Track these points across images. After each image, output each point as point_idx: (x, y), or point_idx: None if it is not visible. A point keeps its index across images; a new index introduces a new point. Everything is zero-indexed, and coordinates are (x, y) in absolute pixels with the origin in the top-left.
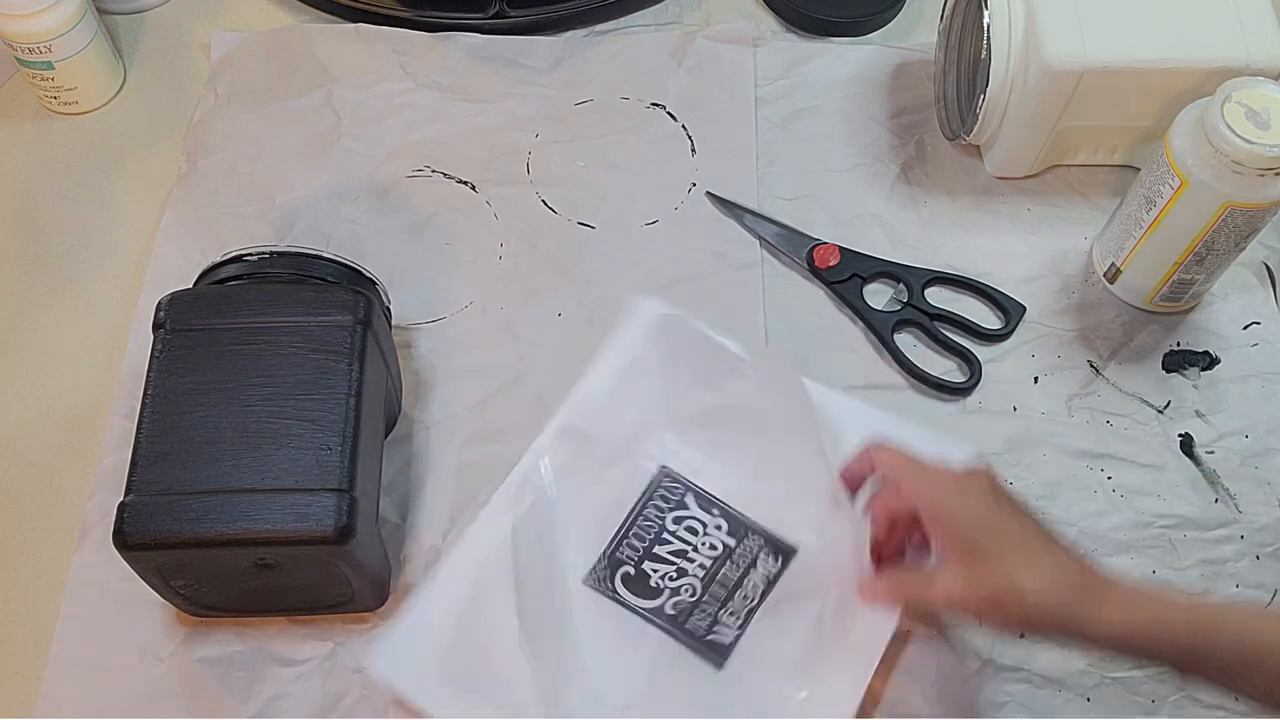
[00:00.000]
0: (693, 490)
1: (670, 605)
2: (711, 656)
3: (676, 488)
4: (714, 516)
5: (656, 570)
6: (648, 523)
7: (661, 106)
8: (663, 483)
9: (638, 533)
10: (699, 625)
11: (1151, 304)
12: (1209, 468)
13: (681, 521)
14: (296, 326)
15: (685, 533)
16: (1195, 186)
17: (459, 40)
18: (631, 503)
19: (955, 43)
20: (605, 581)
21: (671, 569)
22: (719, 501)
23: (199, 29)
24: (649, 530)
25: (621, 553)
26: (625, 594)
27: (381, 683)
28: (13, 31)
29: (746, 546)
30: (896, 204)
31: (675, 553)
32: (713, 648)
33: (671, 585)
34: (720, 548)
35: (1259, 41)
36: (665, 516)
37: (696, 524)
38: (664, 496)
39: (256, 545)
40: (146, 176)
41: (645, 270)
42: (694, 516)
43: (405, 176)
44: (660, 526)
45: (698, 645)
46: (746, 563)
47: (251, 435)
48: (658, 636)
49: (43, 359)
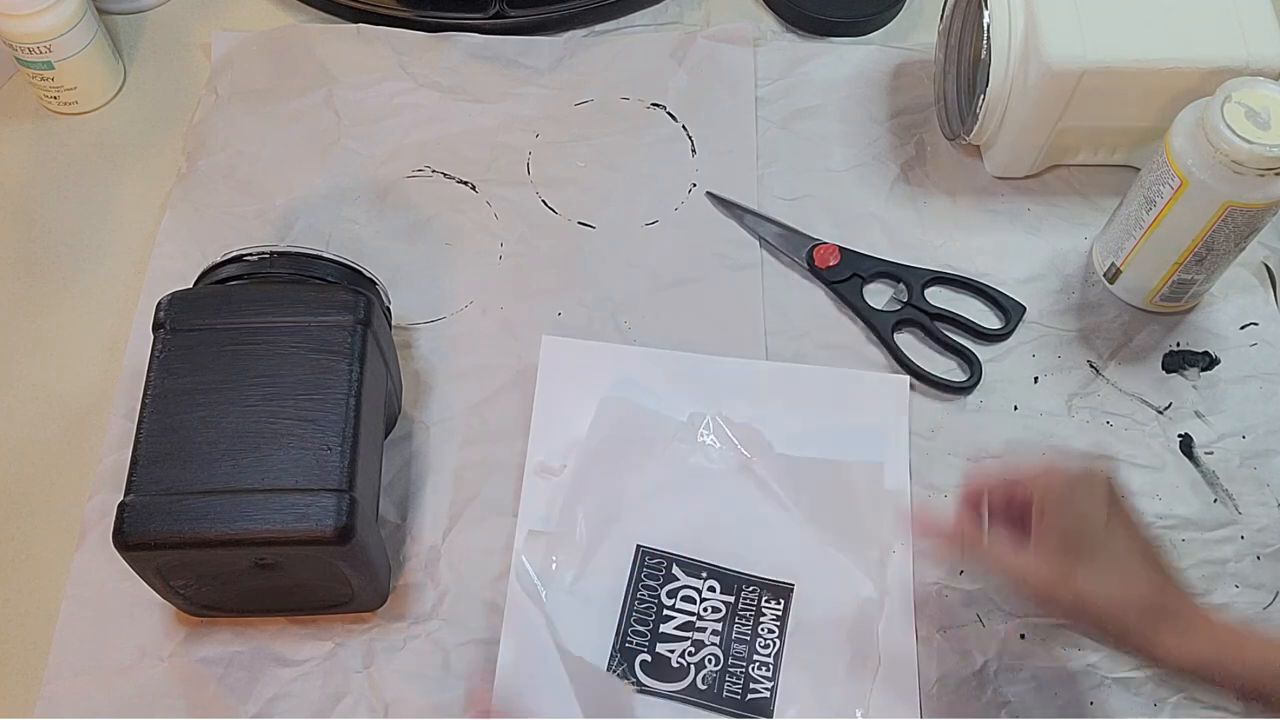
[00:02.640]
0: (673, 559)
1: (700, 680)
2: (758, 717)
3: (660, 562)
4: (703, 580)
5: (673, 651)
6: (644, 605)
7: (662, 107)
8: (645, 562)
9: (639, 617)
10: (734, 691)
11: (1151, 304)
12: (1208, 468)
13: (676, 594)
14: (296, 326)
15: (683, 604)
16: (1195, 186)
17: (459, 40)
18: (621, 590)
19: (955, 43)
20: (628, 675)
21: (687, 644)
22: (702, 564)
23: (199, 29)
24: (649, 612)
25: (631, 642)
26: (651, 682)
27: None
28: (13, 31)
29: (746, 599)
30: (896, 204)
31: (682, 627)
32: (755, 708)
33: (694, 661)
34: (722, 608)
35: (1259, 41)
36: (659, 592)
37: (691, 592)
38: (649, 574)
39: (256, 545)
40: (146, 176)
41: (645, 270)
42: (686, 585)
43: (405, 176)
44: (658, 604)
45: (740, 711)
46: (753, 614)
47: (251, 435)
48: (698, 716)
49: (43, 359)
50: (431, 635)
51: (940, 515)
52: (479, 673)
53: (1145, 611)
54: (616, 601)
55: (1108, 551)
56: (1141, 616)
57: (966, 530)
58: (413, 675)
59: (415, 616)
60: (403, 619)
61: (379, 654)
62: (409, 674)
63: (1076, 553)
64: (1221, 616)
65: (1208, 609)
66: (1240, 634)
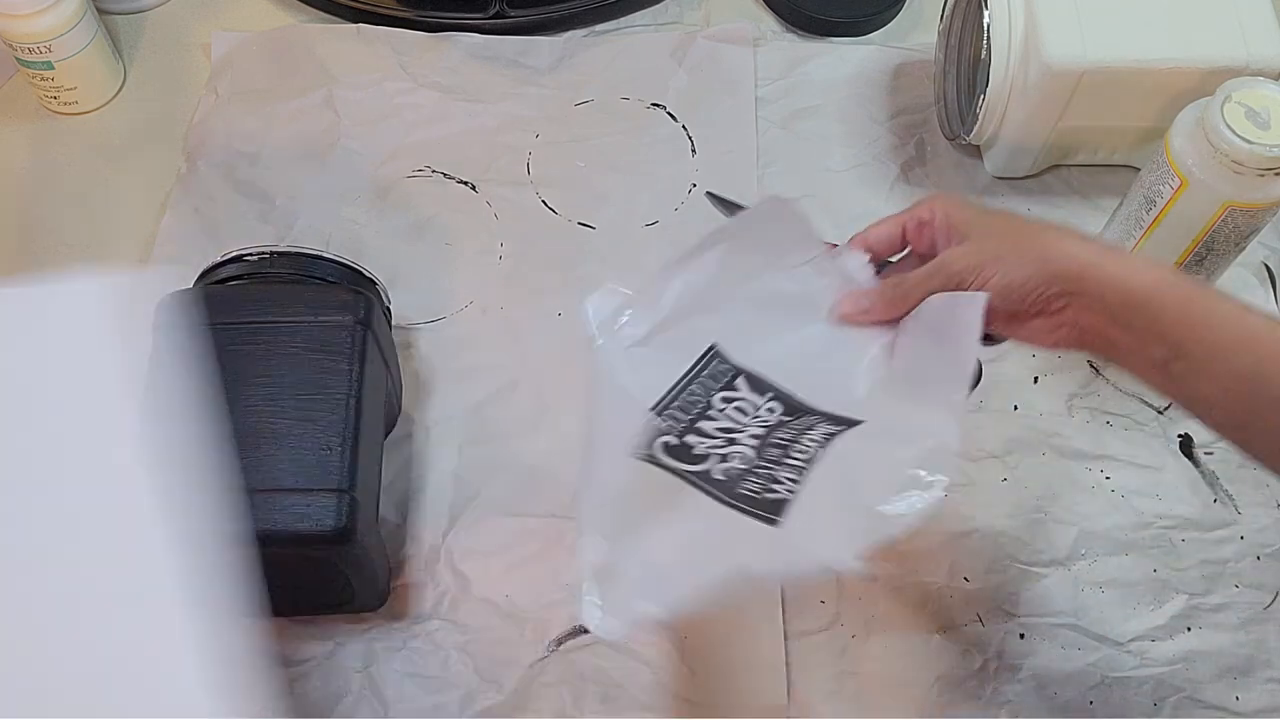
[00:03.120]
0: (743, 372)
1: (719, 470)
2: (766, 516)
3: (727, 370)
4: (766, 399)
5: (702, 442)
6: (693, 398)
7: (662, 107)
8: (712, 363)
9: (681, 406)
10: (751, 489)
11: None
12: (1208, 468)
13: (731, 401)
14: (297, 326)
15: (734, 412)
16: (1195, 186)
17: (459, 40)
18: (676, 377)
19: (955, 43)
20: (642, 448)
21: (718, 440)
22: (772, 384)
23: (199, 29)
24: (694, 406)
25: (663, 424)
26: (665, 459)
27: None
28: (13, 31)
29: (804, 420)
30: (897, 204)
31: (722, 429)
32: (767, 507)
33: (720, 452)
34: (774, 421)
35: (1259, 41)
36: (713, 395)
37: (747, 405)
38: (712, 376)
39: (256, 544)
40: (146, 176)
41: (645, 271)
42: (744, 398)
43: (405, 177)
44: (706, 404)
45: (748, 507)
46: (804, 427)
47: (252, 435)
48: (701, 501)
49: None
50: (431, 635)
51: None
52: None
53: (1105, 248)
54: (666, 383)
55: (1032, 226)
56: (1105, 251)
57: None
58: (412, 675)
59: (415, 616)
60: (403, 619)
61: (379, 654)
62: (409, 674)
63: (1006, 225)
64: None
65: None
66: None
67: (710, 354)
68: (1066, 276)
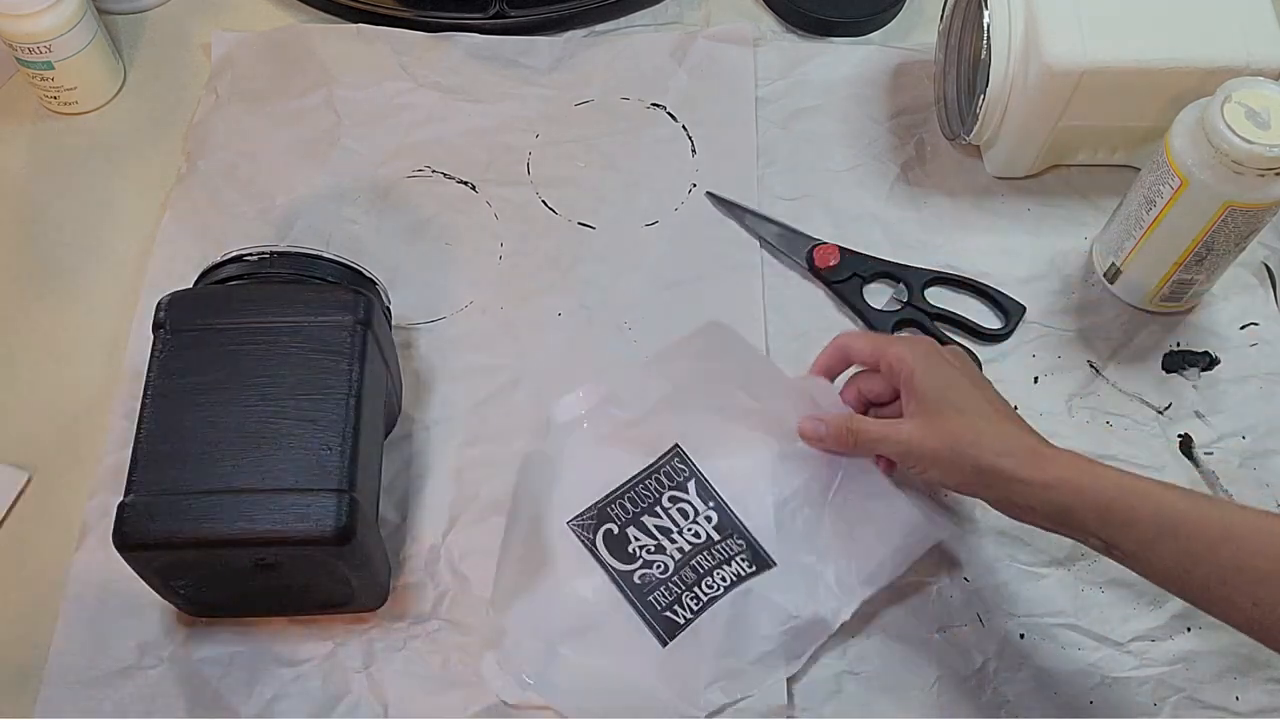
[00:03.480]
0: (697, 477)
1: (638, 575)
2: (659, 633)
3: (683, 469)
4: (707, 507)
5: (638, 539)
6: (645, 492)
7: (662, 107)
8: (671, 461)
9: (633, 498)
10: (659, 601)
11: (1152, 304)
12: (1208, 469)
13: (676, 502)
14: (296, 326)
15: (676, 514)
16: (1195, 186)
17: (460, 41)
18: (637, 469)
19: (955, 43)
20: (588, 530)
21: (652, 543)
22: (717, 495)
23: (198, 29)
24: (644, 499)
25: (612, 510)
26: (602, 549)
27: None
28: (13, 31)
29: (728, 545)
30: (896, 204)
31: (661, 529)
32: (663, 624)
33: (647, 557)
34: (703, 538)
35: (1259, 42)
36: (664, 493)
37: (689, 508)
38: (668, 474)
39: (256, 545)
40: (146, 176)
41: (645, 271)
42: (689, 501)
43: (405, 176)
44: (655, 499)
45: (651, 619)
46: (721, 558)
47: (251, 435)
48: (616, 598)
49: (43, 359)
50: (431, 635)
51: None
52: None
53: (1028, 452)
54: (623, 475)
55: (972, 403)
56: (1027, 457)
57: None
58: (412, 675)
59: (415, 616)
60: (403, 619)
61: (379, 654)
62: (409, 674)
63: (953, 408)
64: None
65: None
66: (1095, 461)
67: (672, 452)
68: (995, 488)
